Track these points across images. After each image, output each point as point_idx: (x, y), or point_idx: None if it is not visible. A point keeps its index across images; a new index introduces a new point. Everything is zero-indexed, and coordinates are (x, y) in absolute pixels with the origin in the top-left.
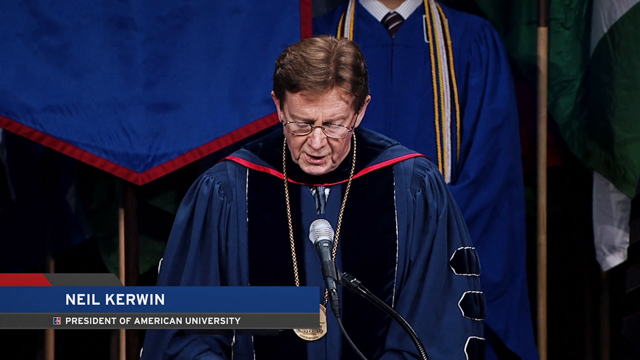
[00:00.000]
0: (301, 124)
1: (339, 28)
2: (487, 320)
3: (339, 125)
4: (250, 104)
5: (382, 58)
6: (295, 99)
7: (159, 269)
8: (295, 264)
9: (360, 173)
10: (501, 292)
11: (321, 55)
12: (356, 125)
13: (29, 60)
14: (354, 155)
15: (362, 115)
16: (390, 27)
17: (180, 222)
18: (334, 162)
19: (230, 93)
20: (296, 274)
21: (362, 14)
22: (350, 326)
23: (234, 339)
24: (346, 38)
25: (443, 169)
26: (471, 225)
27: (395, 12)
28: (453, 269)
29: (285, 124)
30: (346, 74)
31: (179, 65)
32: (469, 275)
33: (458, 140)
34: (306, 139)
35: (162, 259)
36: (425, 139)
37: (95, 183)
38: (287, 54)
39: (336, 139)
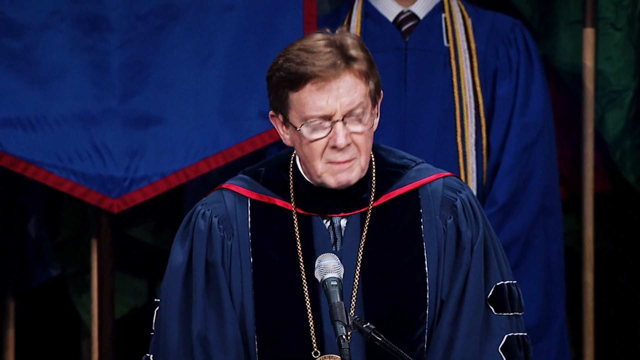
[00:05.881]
0: (317, 123)
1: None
2: None
3: (362, 113)
4: (244, 118)
5: (395, 64)
6: (304, 95)
7: (154, 319)
8: (309, 310)
9: (382, 199)
10: (537, 338)
11: (323, 42)
12: (374, 127)
13: None
14: (373, 178)
15: (379, 117)
16: (403, 29)
17: (178, 265)
18: (361, 167)
19: (221, 105)
20: (311, 323)
21: (370, 13)
22: None
23: None
24: (342, 27)
25: None
26: None
27: (409, 10)
28: (492, 308)
29: (298, 130)
30: (356, 53)
31: (162, 72)
32: (511, 314)
33: (484, 160)
34: (327, 142)
35: (157, 308)
36: (445, 158)
37: (63, 210)
38: (280, 58)
39: (360, 133)
